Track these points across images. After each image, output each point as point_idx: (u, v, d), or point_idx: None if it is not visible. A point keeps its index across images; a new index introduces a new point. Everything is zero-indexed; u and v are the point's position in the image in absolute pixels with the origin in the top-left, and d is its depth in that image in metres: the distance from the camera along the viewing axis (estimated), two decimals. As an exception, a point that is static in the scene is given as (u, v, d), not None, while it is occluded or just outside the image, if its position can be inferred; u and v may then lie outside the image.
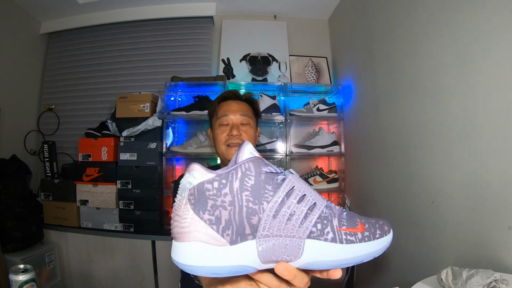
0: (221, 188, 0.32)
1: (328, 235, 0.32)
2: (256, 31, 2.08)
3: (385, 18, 1.33)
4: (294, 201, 0.33)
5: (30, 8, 1.97)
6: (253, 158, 0.34)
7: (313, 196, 0.34)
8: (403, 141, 1.21)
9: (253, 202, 0.32)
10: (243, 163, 0.33)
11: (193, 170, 0.32)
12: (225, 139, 0.86)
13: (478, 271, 0.62)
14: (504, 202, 0.75)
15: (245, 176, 0.32)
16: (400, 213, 1.22)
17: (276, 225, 0.32)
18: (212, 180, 0.32)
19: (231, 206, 0.31)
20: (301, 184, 0.34)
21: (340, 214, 0.35)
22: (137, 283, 1.67)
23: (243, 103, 0.92)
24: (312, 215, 0.33)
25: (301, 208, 0.32)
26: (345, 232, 0.33)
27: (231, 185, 0.32)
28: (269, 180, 0.33)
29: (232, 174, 0.32)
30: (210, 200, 0.31)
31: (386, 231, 0.35)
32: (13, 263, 1.44)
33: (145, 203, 1.67)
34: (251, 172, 0.33)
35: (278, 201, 0.32)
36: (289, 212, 0.32)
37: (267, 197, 0.32)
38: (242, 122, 0.88)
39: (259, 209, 0.32)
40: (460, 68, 0.90)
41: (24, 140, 1.98)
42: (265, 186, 0.33)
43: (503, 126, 0.75)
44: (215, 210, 0.31)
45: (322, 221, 0.33)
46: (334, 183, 1.78)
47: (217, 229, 0.31)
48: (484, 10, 0.80)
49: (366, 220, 0.35)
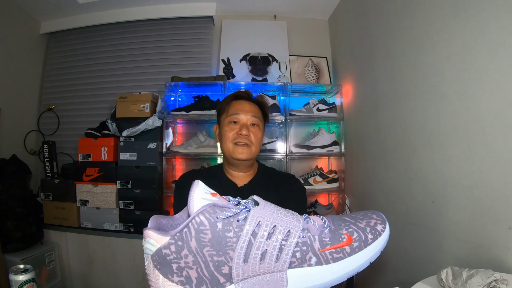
0: (180, 250, 0.29)
1: (312, 260, 0.30)
2: (256, 31, 2.08)
3: (385, 18, 1.33)
4: (263, 239, 0.29)
5: (30, 8, 1.97)
6: (204, 208, 0.30)
7: (285, 224, 0.30)
8: (403, 141, 1.21)
9: (217, 255, 0.29)
10: (193, 217, 0.30)
11: (147, 237, 0.31)
12: (233, 137, 0.87)
13: (478, 271, 0.62)
14: (504, 202, 0.75)
15: (199, 232, 0.29)
16: (400, 213, 1.22)
17: (250, 268, 0.29)
18: (169, 244, 0.30)
19: (196, 265, 0.30)
20: (268, 215, 0.30)
21: (320, 234, 0.31)
22: (137, 283, 1.67)
23: (254, 104, 0.92)
24: (288, 246, 0.30)
25: (273, 244, 0.29)
26: (330, 251, 0.30)
27: (188, 245, 0.29)
28: (228, 226, 0.30)
29: (186, 234, 0.30)
30: (173, 264, 0.30)
31: (379, 231, 0.32)
32: (13, 263, 1.44)
33: (145, 203, 1.67)
34: (205, 227, 0.29)
35: (244, 246, 0.29)
36: (259, 252, 0.29)
37: (231, 245, 0.29)
38: (252, 123, 0.89)
39: (226, 259, 0.29)
40: (460, 68, 0.90)
41: (24, 140, 1.98)
42: (224, 235, 0.29)
43: (503, 126, 0.75)
44: (182, 271, 0.30)
45: (301, 248, 0.30)
46: (334, 183, 1.78)
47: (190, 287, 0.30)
48: (484, 10, 0.81)
49: (355, 227, 0.32)
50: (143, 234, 0.32)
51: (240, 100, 0.92)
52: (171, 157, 1.79)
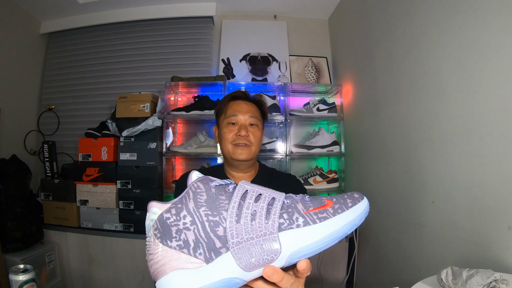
0: (179, 212, 0.33)
1: (299, 220, 0.32)
2: (256, 31, 2.08)
3: (385, 18, 1.33)
4: (251, 201, 0.33)
5: (30, 8, 1.97)
6: (200, 178, 0.36)
7: (269, 192, 0.34)
8: (403, 141, 1.21)
9: (212, 215, 0.33)
10: (191, 184, 0.35)
11: (151, 207, 0.35)
12: (232, 138, 0.86)
13: (478, 271, 0.62)
14: (504, 202, 0.75)
15: (197, 195, 0.34)
16: (400, 213, 1.22)
17: (243, 228, 0.32)
18: (169, 209, 0.34)
19: (193, 225, 0.32)
20: (253, 186, 0.35)
21: (302, 199, 0.35)
22: (137, 283, 1.67)
23: (252, 104, 0.92)
24: (274, 208, 0.33)
25: (261, 205, 0.33)
26: (315, 212, 0.33)
27: (187, 206, 0.33)
28: (220, 191, 0.35)
29: (185, 197, 0.34)
30: (173, 227, 0.33)
31: (357, 198, 0.34)
32: (13, 263, 1.44)
33: (145, 203, 1.63)
34: (201, 189, 0.34)
35: (235, 206, 0.33)
36: (250, 212, 0.33)
37: (224, 205, 0.33)
38: (250, 123, 0.88)
39: (220, 219, 0.32)
40: (460, 68, 0.90)
41: (24, 140, 1.98)
42: (218, 197, 0.34)
43: (503, 126, 0.75)
44: (181, 234, 0.32)
45: (286, 210, 0.33)
46: (334, 183, 1.78)
47: (188, 252, 0.32)
48: (483, 10, 0.81)
49: (333, 196, 0.35)
50: (148, 207, 0.35)
51: (237, 100, 0.91)
52: (171, 157, 1.79)
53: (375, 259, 1.49)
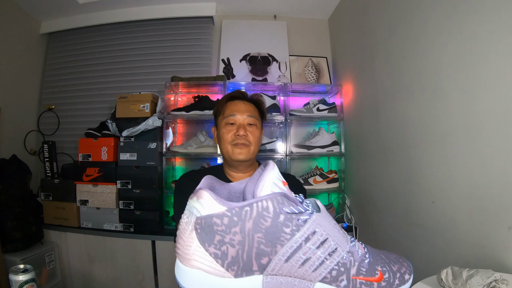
0: (231, 226, 0.28)
1: (342, 283, 0.30)
2: (256, 31, 2.08)
3: (385, 18, 1.33)
4: (313, 247, 0.29)
5: (30, 8, 1.97)
6: (274, 196, 0.29)
7: (336, 240, 0.30)
8: (403, 141, 1.21)
9: (265, 245, 0.28)
10: (260, 200, 0.28)
11: (201, 198, 0.29)
12: (231, 138, 0.86)
13: (478, 271, 0.62)
14: (504, 202, 0.75)
15: (260, 217, 0.28)
16: (400, 213, 1.22)
17: (287, 268, 0.29)
18: (222, 215, 0.28)
19: (239, 246, 0.28)
20: (326, 226, 0.30)
21: (361, 262, 0.32)
22: (137, 283, 1.67)
23: (250, 104, 0.91)
24: (330, 262, 0.30)
25: (319, 254, 0.29)
26: (361, 282, 0.31)
27: (243, 224, 0.28)
28: (288, 221, 0.29)
29: (246, 212, 0.28)
30: (217, 235, 0.28)
31: (405, 280, 0.33)
32: (13, 263, 1.44)
33: (145, 203, 1.67)
34: (268, 213, 0.28)
35: (294, 246, 0.29)
36: (304, 257, 0.29)
37: (283, 240, 0.29)
38: (249, 123, 0.88)
39: (271, 252, 0.29)
40: (460, 68, 0.90)
41: (24, 140, 1.98)
42: (282, 228, 0.29)
43: (503, 125, 0.75)
44: (222, 246, 0.28)
45: (339, 268, 0.30)
46: (334, 183, 1.78)
47: (222, 263, 0.29)
48: (483, 10, 0.81)
49: (388, 268, 0.33)
50: (197, 193, 0.29)
51: (235, 100, 0.91)
52: (171, 157, 1.79)
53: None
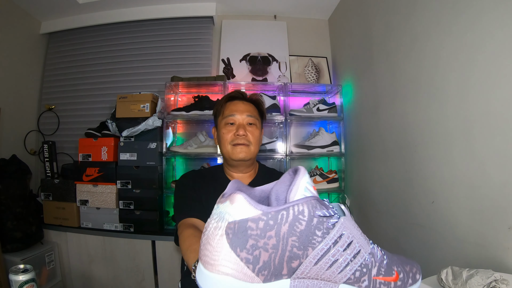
0: (267, 229, 0.28)
1: (363, 283, 0.32)
2: (256, 31, 2.08)
3: (385, 18, 1.33)
4: (341, 249, 0.31)
5: (30, 8, 1.97)
6: (308, 200, 0.30)
7: (360, 243, 0.32)
8: (403, 141, 1.21)
9: (298, 248, 0.29)
10: (296, 204, 0.29)
11: (235, 202, 0.28)
12: (231, 138, 0.86)
13: (478, 271, 0.62)
14: (504, 202, 0.75)
15: (296, 220, 0.29)
16: (400, 213, 1.22)
17: (315, 271, 0.30)
18: (258, 219, 0.28)
19: (273, 249, 0.29)
20: (351, 229, 0.32)
21: (380, 263, 0.34)
22: (137, 283, 1.67)
23: (249, 103, 0.91)
24: (354, 263, 0.32)
25: (345, 256, 0.31)
26: (380, 282, 0.33)
27: (279, 228, 0.28)
28: (320, 224, 0.30)
29: (283, 215, 0.28)
30: (251, 240, 0.28)
31: (416, 280, 0.36)
32: (13, 263, 1.44)
33: (145, 203, 1.67)
34: (303, 217, 0.29)
35: (324, 249, 0.30)
36: (332, 260, 0.30)
37: (314, 243, 0.30)
38: (248, 122, 0.88)
39: (303, 255, 0.30)
40: (460, 68, 0.90)
41: (24, 140, 1.98)
42: (315, 232, 0.30)
43: (503, 126, 0.75)
44: (255, 250, 0.28)
45: (361, 269, 0.32)
46: (334, 183, 1.78)
47: (253, 268, 0.28)
48: (484, 11, 0.81)
49: (402, 268, 0.36)
50: (230, 196, 0.29)
51: (234, 100, 0.91)
52: (171, 157, 1.79)
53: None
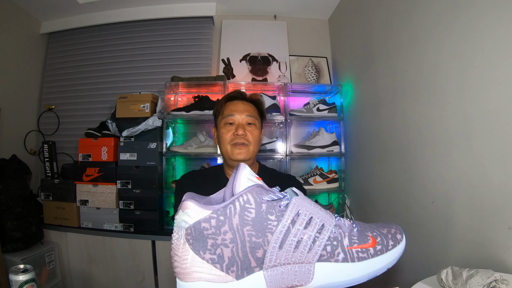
0: (220, 225, 0.29)
1: (339, 256, 0.31)
2: (256, 31, 2.08)
3: (385, 18, 1.33)
4: (301, 227, 0.30)
5: (30, 8, 1.97)
6: (251, 188, 0.30)
7: (321, 217, 0.32)
8: (403, 141, 1.21)
9: (256, 236, 0.29)
10: (240, 195, 0.30)
11: (186, 208, 0.30)
12: (230, 138, 0.86)
13: (478, 271, 0.62)
14: (504, 202, 0.75)
15: (244, 210, 0.29)
16: (400, 213, 1.22)
17: (283, 255, 0.30)
18: (209, 218, 0.29)
19: (232, 243, 0.29)
20: (307, 206, 0.31)
21: (350, 232, 0.33)
22: (137, 283, 1.67)
23: (249, 103, 0.91)
24: (321, 238, 0.31)
25: (309, 233, 0.30)
26: (357, 250, 0.32)
27: (230, 221, 0.29)
28: (271, 209, 0.30)
29: (230, 209, 0.29)
30: (209, 239, 0.29)
31: (398, 240, 0.34)
32: (13, 263, 1.44)
33: (145, 203, 1.67)
34: (250, 205, 0.30)
35: (283, 231, 0.30)
36: (296, 240, 0.30)
37: (271, 228, 0.30)
38: (248, 122, 0.88)
39: (263, 242, 0.30)
40: (460, 68, 0.90)
41: (24, 140, 1.98)
42: (267, 216, 0.30)
43: (503, 126, 0.75)
44: (216, 249, 0.29)
45: (331, 242, 0.31)
46: (334, 183, 1.78)
47: (220, 267, 0.29)
48: (484, 11, 0.81)
49: (378, 232, 0.34)
50: (181, 205, 0.30)
51: (234, 100, 0.91)
52: (171, 157, 1.79)
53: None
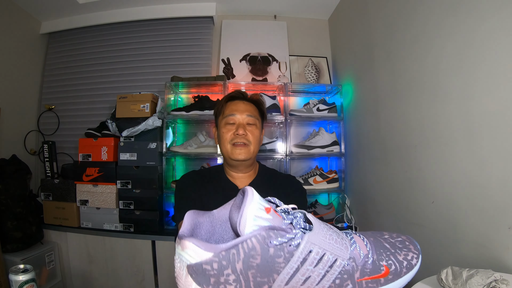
0: (222, 269, 0.28)
1: (348, 287, 0.30)
2: (256, 31, 2.08)
3: (385, 18, 1.33)
4: (311, 267, 0.29)
5: (30, 8, 1.97)
6: (258, 233, 0.28)
7: (334, 253, 0.30)
8: (403, 141, 1.21)
9: (261, 277, 0.28)
10: (245, 240, 0.28)
11: (186, 248, 0.28)
12: (230, 137, 0.86)
13: (478, 271, 0.62)
14: (504, 202, 0.75)
15: (249, 257, 0.28)
16: (400, 213, 1.22)
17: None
18: (211, 261, 0.28)
19: (236, 283, 0.28)
20: (321, 243, 0.29)
21: (364, 265, 0.31)
22: (137, 283, 1.67)
23: (250, 103, 0.91)
24: (331, 273, 0.29)
25: (318, 271, 0.29)
26: (367, 281, 0.30)
27: (233, 266, 0.28)
28: (279, 251, 0.28)
29: (234, 255, 0.28)
30: (212, 278, 0.28)
31: (413, 265, 0.32)
32: (13, 263, 1.44)
33: (145, 203, 1.67)
34: (256, 252, 0.28)
35: (290, 272, 0.28)
36: (303, 278, 0.29)
37: (278, 269, 0.28)
38: (248, 122, 0.88)
39: (269, 281, 0.28)
40: (460, 68, 0.90)
41: (24, 140, 1.98)
42: (274, 260, 0.28)
43: (503, 126, 0.75)
44: (219, 286, 0.28)
45: (342, 276, 0.30)
46: (334, 183, 1.78)
47: None
48: (483, 10, 0.81)
49: (394, 260, 0.32)
50: (181, 243, 0.28)
51: (235, 100, 0.91)
52: (171, 157, 1.79)
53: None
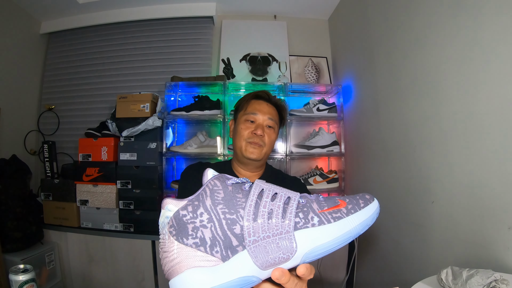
0: (196, 209, 0.33)
1: (314, 220, 0.33)
2: (256, 31, 2.08)
3: (385, 18, 1.33)
4: (268, 199, 0.33)
5: (30, 8, 1.97)
6: (215, 176, 0.36)
7: (284, 192, 0.35)
8: (403, 141, 1.21)
9: (229, 213, 0.33)
10: (208, 182, 0.35)
11: (166, 204, 0.34)
12: (247, 135, 0.87)
13: (478, 271, 0.62)
14: (504, 202, 0.75)
15: (214, 192, 0.34)
16: (400, 213, 1.22)
17: (260, 227, 0.32)
18: (186, 206, 0.34)
19: (210, 223, 0.32)
20: (269, 185, 0.35)
21: (317, 198, 0.35)
22: (137, 283, 1.67)
23: (273, 107, 0.92)
24: (290, 207, 0.33)
25: (277, 204, 0.33)
26: (329, 212, 0.33)
27: (204, 203, 0.34)
28: (237, 189, 0.35)
29: (202, 194, 0.34)
30: (189, 225, 0.33)
31: (368, 200, 0.35)
32: (13, 263, 1.44)
33: (145, 203, 1.67)
34: (218, 187, 0.35)
35: (252, 204, 0.33)
36: (266, 211, 0.33)
37: (241, 204, 0.33)
38: (268, 125, 0.89)
39: (238, 217, 0.33)
40: (460, 68, 0.90)
41: (24, 140, 1.98)
42: (235, 195, 0.34)
43: (503, 126, 0.75)
44: (197, 232, 0.32)
45: (302, 209, 0.34)
46: (334, 183, 1.78)
47: (204, 250, 0.32)
48: (483, 10, 0.81)
49: (346, 197, 0.36)
50: (162, 204, 0.35)
51: (259, 100, 0.92)
52: (171, 157, 1.79)
53: (375, 259, 1.49)
